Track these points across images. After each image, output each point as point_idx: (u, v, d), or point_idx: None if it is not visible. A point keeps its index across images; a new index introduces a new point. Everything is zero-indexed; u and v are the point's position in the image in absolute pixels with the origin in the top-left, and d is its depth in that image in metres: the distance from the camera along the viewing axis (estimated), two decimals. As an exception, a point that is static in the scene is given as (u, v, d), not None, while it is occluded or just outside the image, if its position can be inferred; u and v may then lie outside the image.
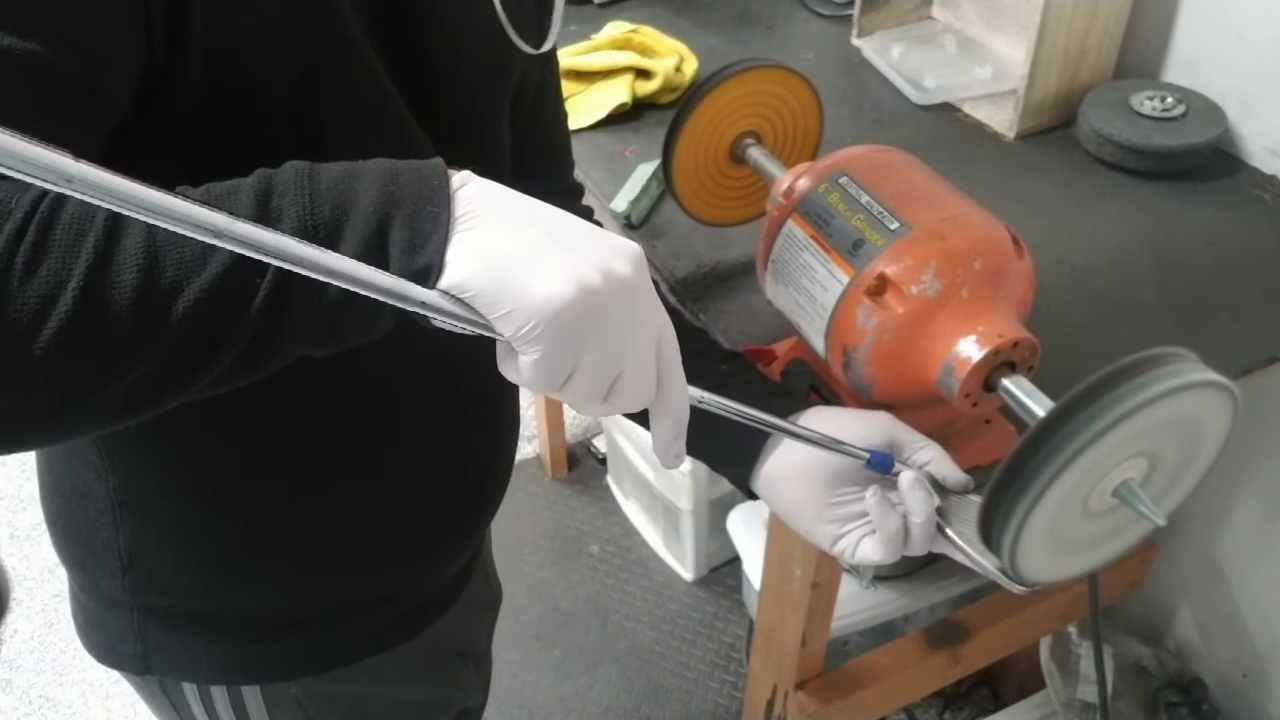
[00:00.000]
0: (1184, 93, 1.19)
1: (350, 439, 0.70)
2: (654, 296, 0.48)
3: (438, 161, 0.46)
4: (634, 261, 0.46)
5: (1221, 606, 1.44)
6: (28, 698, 1.86)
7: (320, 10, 0.53)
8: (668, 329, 0.49)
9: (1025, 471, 0.52)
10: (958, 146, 1.24)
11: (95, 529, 0.71)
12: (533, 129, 0.78)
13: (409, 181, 0.45)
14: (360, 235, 0.44)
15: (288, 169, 0.46)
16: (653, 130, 1.26)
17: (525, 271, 0.43)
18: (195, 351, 0.44)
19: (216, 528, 0.70)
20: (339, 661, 0.78)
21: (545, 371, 0.44)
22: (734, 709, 1.76)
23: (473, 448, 0.78)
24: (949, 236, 0.70)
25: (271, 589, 0.74)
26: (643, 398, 0.49)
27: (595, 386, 0.46)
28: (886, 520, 0.63)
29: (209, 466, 0.68)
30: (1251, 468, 1.31)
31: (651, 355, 0.48)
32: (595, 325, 0.44)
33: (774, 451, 0.68)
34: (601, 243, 0.46)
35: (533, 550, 2.02)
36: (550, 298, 0.42)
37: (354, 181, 0.45)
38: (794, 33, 1.49)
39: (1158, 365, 0.51)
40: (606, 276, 0.44)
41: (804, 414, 0.68)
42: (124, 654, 0.75)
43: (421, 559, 0.79)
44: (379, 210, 0.44)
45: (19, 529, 2.14)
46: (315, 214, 0.44)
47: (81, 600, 0.77)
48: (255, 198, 0.44)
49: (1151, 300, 1.00)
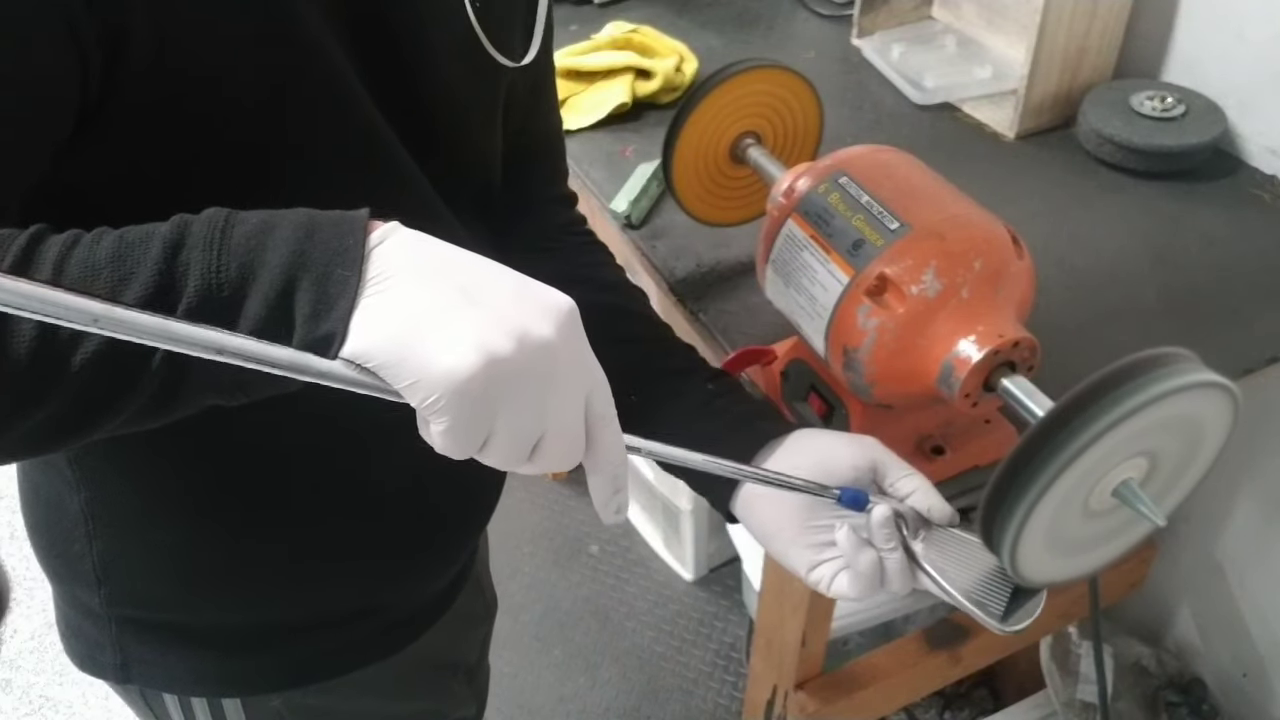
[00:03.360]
0: (1184, 93, 1.19)
1: (323, 458, 0.69)
2: (582, 354, 0.46)
3: (360, 215, 0.44)
4: (559, 320, 0.44)
5: (1221, 606, 1.44)
6: (28, 698, 1.86)
7: (280, 22, 0.52)
8: (598, 386, 0.47)
9: (1025, 472, 0.52)
10: (958, 146, 1.24)
11: (70, 541, 0.71)
12: (522, 137, 0.76)
13: (323, 240, 0.43)
14: (264, 297, 0.42)
15: (204, 218, 0.44)
16: (653, 130, 1.26)
17: (430, 340, 0.41)
18: (96, 400, 0.44)
19: (189, 541, 0.70)
20: (319, 675, 0.77)
21: (456, 440, 0.43)
22: (734, 709, 1.76)
23: (454, 466, 0.76)
24: (949, 236, 0.70)
25: (247, 603, 0.73)
26: (570, 458, 0.47)
27: (514, 452, 0.45)
28: (859, 557, 0.61)
29: (179, 481, 0.67)
30: (1251, 468, 1.31)
31: (577, 416, 0.46)
32: (506, 394, 0.42)
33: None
34: (524, 301, 0.44)
35: (533, 550, 2.02)
36: (453, 370, 0.41)
37: (266, 238, 0.43)
38: (794, 33, 1.49)
39: (1158, 366, 0.51)
40: (520, 341, 0.42)
41: (790, 436, 0.66)
42: (104, 663, 0.75)
43: (401, 576, 0.78)
44: (286, 272, 0.42)
45: (19, 529, 2.14)
46: (221, 272, 0.42)
47: (63, 609, 0.77)
48: (165, 250, 0.42)
49: (1151, 300, 1.00)
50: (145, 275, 0.42)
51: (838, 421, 0.81)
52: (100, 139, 0.51)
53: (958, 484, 0.81)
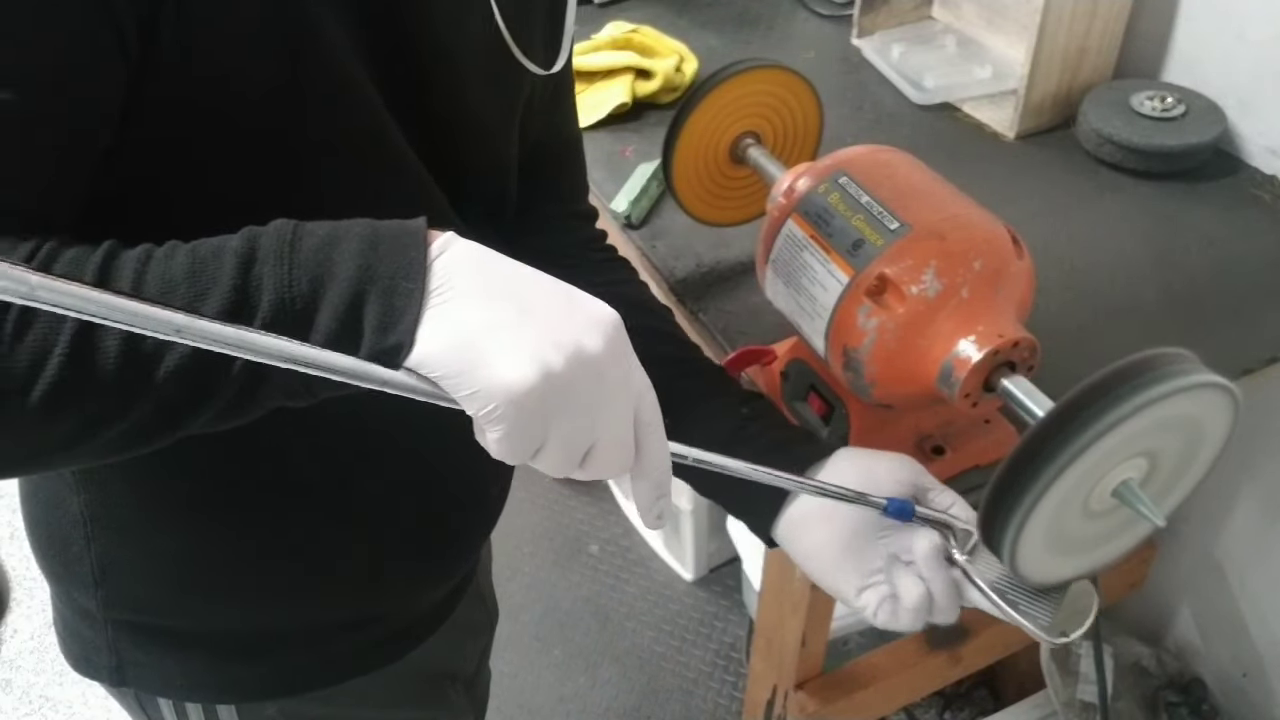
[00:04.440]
0: (1184, 93, 1.19)
1: (324, 467, 0.69)
2: (629, 367, 0.48)
3: (419, 225, 0.47)
4: (607, 334, 0.46)
5: (1221, 606, 1.44)
6: (28, 697, 1.86)
7: (293, 23, 0.52)
8: (646, 395, 0.49)
9: (1025, 471, 0.52)
10: (958, 146, 1.24)
11: (68, 542, 0.71)
12: (540, 149, 0.76)
13: (387, 253, 0.45)
14: (335, 310, 0.45)
15: (272, 231, 0.46)
16: (653, 130, 1.26)
17: (489, 354, 0.43)
18: (178, 407, 0.46)
19: (186, 546, 0.70)
20: (314, 684, 0.77)
21: (511, 447, 0.45)
22: (734, 709, 1.76)
23: (456, 479, 0.76)
24: (949, 236, 0.70)
25: (244, 610, 0.73)
26: (619, 466, 0.49)
27: (566, 459, 0.47)
28: (910, 593, 0.61)
29: (180, 486, 0.67)
30: (1251, 468, 1.31)
31: (625, 426, 0.48)
32: (560, 406, 0.45)
33: (796, 499, 0.66)
34: (574, 316, 0.46)
35: (533, 550, 2.02)
36: (512, 383, 0.43)
37: (334, 251, 0.45)
38: (794, 33, 1.49)
39: (1157, 366, 0.51)
40: (572, 357, 0.44)
41: (830, 459, 0.66)
42: (99, 665, 0.75)
43: (400, 586, 0.78)
44: (354, 286, 0.45)
45: (19, 529, 2.14)
46: (293, 286, 0.45)
47: (60, 609, 0.77)
48: (238, 265, 0.45)
49: (1151, 300, 1.00)
50: (222, 290, 0.44)
51: (837, 421, 0.81)
52: (126, 139, 0.51)
53: (958, 484, 0.81)
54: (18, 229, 0.46)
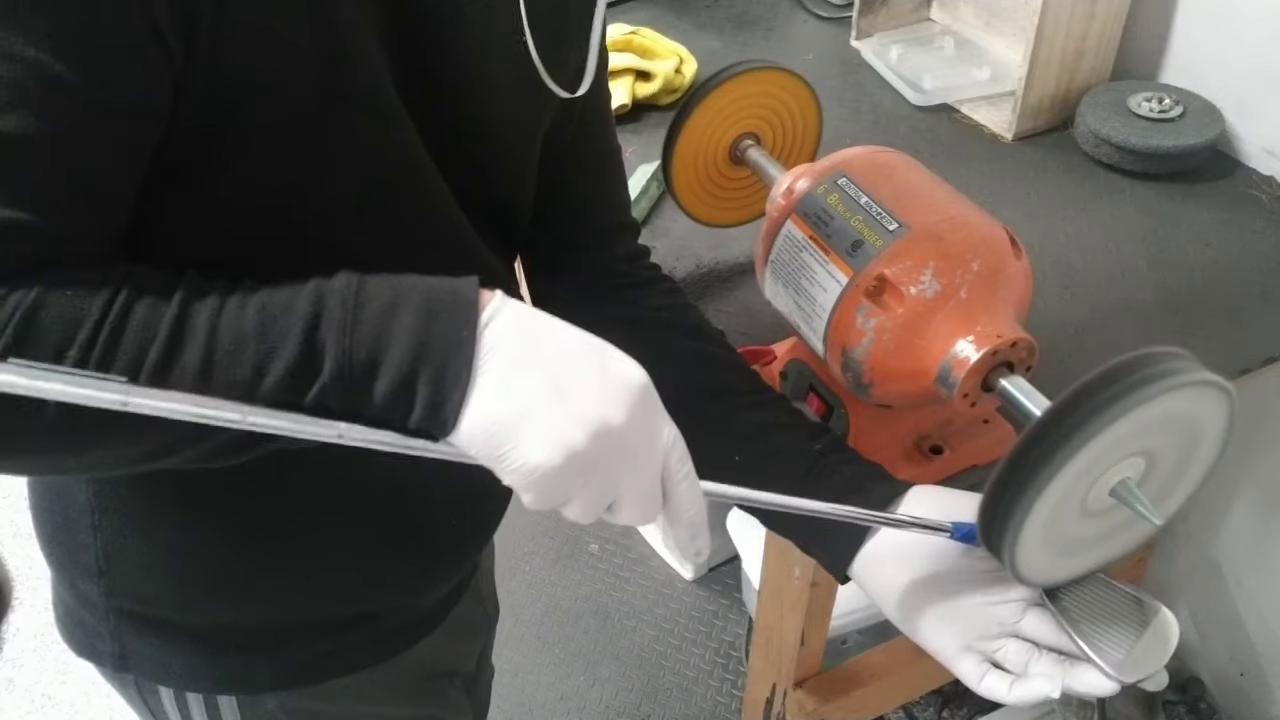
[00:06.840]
0: (1181, 94, 1.20)
1: (327, 464, 0.68)
2: (654, 427, 0.51)
3: (472, 295, 0.50)
4: (632, 402, 0.50)
5: (1219, 606, 1.45)
6: (30, 696, 1.86)
7: (323, 31, 0.52)
8: (674, 449, 0.52)
9: (1023, 470, 0.52)
10: (956, 148, 1.24)
11: (74, 531, 0.71)
12: (583, 161, 0.76)
13: (441, 331, 0.49)
14: (391, 383, 0.48)
15: (337, 292, 0.49)
16: (653, 131, 1.26)
17: (521, 440, 0.48)
18: (243, 444, 0.51)
19: (188, 538, 0.70)
20: (315, 678, 0.77)
21: (538, 505, 0.49)
22: (733, 707, 1.77)
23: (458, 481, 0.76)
24: (947, 237, 0.70)
25: (246, 604, 0.73)
26: (645, 517, 0.53)
27: (591, 512, 0.51)
28: (1035, 688, 0.61)
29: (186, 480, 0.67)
30: (1249, 468, 1.32)
31: (649, 482, 0.52)
32: (582, 476, 0.49)
33: (873, 536, 0.65)
34: (602, 389, 0.49)
35: (533, 549, 2.02)
36: (537, 465, 0.48)
37: (393, 322, 0.49)
38: (793, 34, 1.50)
39: (1153, 364, 0.51)
40: (596, 434, 0.48)
41: (907, 495, 0.65)
42: (102, 652, 0.76)
43: (401, 584, 0.78)
44: (410, 364, 0.48)
45: (21, 527, 2.15)
46: (353, 356, 0.48)
47: (62, 595, 0.77)
48: (305, 328, 0.48)
49: (1149, 301, 1.00)
50: (288, 353, 0.48)
51: (836, 421, 0.81)
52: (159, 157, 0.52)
53: (957, 483, 0.81)
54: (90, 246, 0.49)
